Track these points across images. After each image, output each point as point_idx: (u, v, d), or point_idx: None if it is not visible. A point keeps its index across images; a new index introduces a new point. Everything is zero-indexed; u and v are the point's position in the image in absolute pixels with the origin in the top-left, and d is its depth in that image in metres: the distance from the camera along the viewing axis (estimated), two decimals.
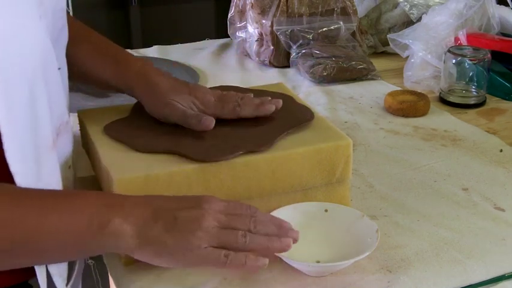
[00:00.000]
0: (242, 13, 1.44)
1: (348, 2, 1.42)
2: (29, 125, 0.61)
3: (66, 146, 0.74)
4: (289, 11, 1.37)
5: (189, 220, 0.61)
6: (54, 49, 0.66)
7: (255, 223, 0.64)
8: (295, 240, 0.65)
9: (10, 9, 0.57)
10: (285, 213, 0.72)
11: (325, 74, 1.30)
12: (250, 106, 0.82)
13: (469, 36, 1.29)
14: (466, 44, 1.27)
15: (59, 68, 0.69)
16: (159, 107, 0.80)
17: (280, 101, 0.83)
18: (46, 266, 0.64)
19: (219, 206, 0.64)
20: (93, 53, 0.85)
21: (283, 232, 0.65)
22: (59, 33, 0.71)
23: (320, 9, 1.40)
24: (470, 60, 1.19)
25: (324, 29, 1.39)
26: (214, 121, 0.78)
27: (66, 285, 0.69)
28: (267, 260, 0.63)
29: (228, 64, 1.44)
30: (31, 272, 0.68)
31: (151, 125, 0.81)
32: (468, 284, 0.70)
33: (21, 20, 0.59)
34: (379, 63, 1.38)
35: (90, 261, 1.50)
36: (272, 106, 0.82)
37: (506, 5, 1.45)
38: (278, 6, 1.37)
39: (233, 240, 0.62)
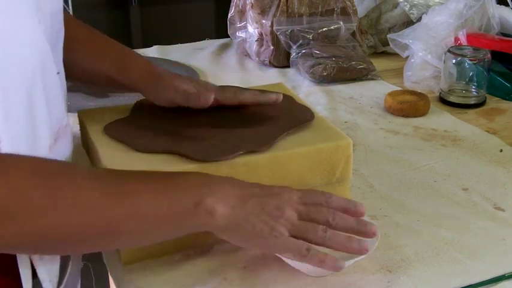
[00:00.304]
0: (242, 13, 1.44)
1: (348, 2, 1.42)
2: (27, 129, 0.61)
3: (66, 149, 0.74)
4: (289, 11, 1.37)
5: (273, 207, 0.63)
6: (52, 53, 0.66)
7: (334, 214, 0.65)
8: (374, 234, 0.66)
9: (9, 11, 0.57)
10: None
11: (325, 74, 1.30)
12: (250, 93, 0.84)
13: (469, 36, 1.29)
14: (466, 44, 1.27)
15: (58, 73, 0.69)
16: (164, 92, 0.83)
17: (281, 95, 0.84)
18: (32, 270, 0.63)
19: (296, 195, 0.66)
20: (97, 50, 0.86)
21: (362, 227, 0.66)
22: (56, 37, 0.71)
23: (320, 9, 1.40)
24: (470, 60, 1.19)
25: (324, 29, 1.39)
26: (213, 97, 0.81)
27: None
28: (344, 264, 0.64)
29: (228, 64, 1.44)
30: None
31: (151, 125, 0.81)
32: (468, 284, 0.70)
33: (21, 21, 0.59)
34: (379, 63, 1.38)
35: (83, 262, 1.49)
36: (273, 95, 0.83)
37: (506, 5, 1.45)
38: (278, 6, 1.37)
39: (313, 234, 0.63)
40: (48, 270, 0.65)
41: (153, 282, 0.69)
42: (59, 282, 0.67)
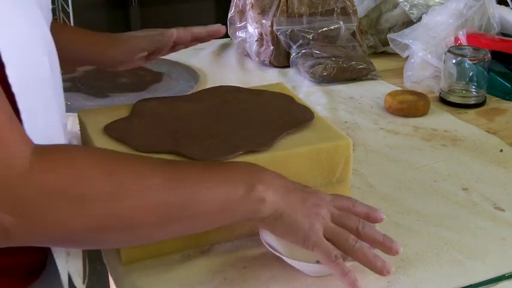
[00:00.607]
0: (242, 13, 1.44)
1: (348, 2, 1.42)
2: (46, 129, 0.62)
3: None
4: (289, 11, 1.37)
5: (313, 204, 0.65)
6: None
7: (364, 224, 0.66)
8: (397, 253, 0.67)
9: (25, 13, 0.58)
10: None
11: (325, 74, 1.30)
12: (198, 27, 0.96)
13: (469, 36, 1.29)
14: (466, 44, 1.27)
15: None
16: (127, 45, 0.90)
17: (223, 27, 0.97)
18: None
19: (328, 197, 0.67)
20: (73, 34, 0.92)
21: (388, 241, 0.67)
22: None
23: (320, 9, 1.40)
24: (470, 60, 1.19)
25: (324, 29, 1.39)
26: (175, 31, 0.93)
27: (83, 283, 0.71)
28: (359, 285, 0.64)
29: (228, 64, 1.44)
30: (32, 278, 0.68)
31: (151, 125, 0.81)
32: (468, 284, 0.70)
33: (32, 18, 0.59)
34: (379, 63, 1.38)
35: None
36: (216, 25, 0.97)
37: (506, 5, 1.45)
38: (278, 6, 1.37)
39: (344, 240, 0.64)
40: (75, 265, 0.68)
41: (153, 282, 0.69)
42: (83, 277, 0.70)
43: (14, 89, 0.55)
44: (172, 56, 1.45)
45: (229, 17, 1.48)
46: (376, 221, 0.69)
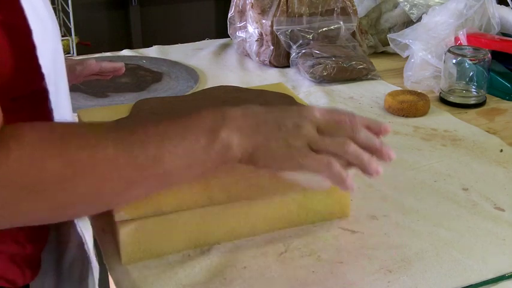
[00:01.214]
0: (242, 13, 1.44)
1: (348, 2, 1.42)
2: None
3: None
4: (289, 11, 1.37)
5: (291, 126, 0.61)
6: None
7: (357, 130, 0.63)
8: (390, 159, 0.64)
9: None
10: None
11: (325, 74, 1.30)
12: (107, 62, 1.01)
13: (469, 36, 1.29)
14: (466, 44, 1.27)
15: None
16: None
17: (123, 67, 1.00)
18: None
19: (319, 111, 0.63)
20: None
21: (385, 148, 0.64)
22: None
23: (320, 9, 1.40)
24: (470, 60, 1.19)
25: (324, 29, 1.39)
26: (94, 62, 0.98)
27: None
28: (354, 186, 0.62)
29: (228, 64, 1.44)
30: (33, 273, 0.68)
31: None
32: (468, 284, 0.70)
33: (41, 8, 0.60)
34: (379, 63, 1.38)
35: None
36: (118, 63, 1.01)
37: (507, 5, 1.45)
38: (278, 6, 1.37)
39: (334, 147, 0.62)
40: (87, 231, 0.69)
41: (153, 282, 0.69)
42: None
43: (44, 70, 0.56)
44: (172, 56, 1.45)
45: (229, 17, 1.48)
46: (381, 133, 0.65)
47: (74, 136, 0.55)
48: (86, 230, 0.69)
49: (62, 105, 0.62)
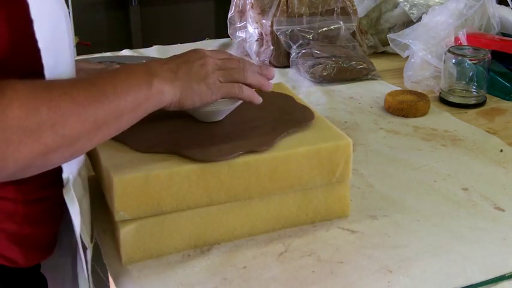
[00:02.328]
0: (242, 13, 1.44)
1: (348, 2, 1.42)
2: None
3: None
4: (289, 11, 1.37)
5: (199, 66, 0.75)
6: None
7: (243, 62, 0.79)
8: (272, 77, 0.82)
9: None
10: None
11: (325, 74, 1.30)
12: None
13: (469, 36, 1.29)
14: (466, 44, 1.27)
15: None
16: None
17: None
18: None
19: (207, 52, 0.77)
20: None
21: (265, 70, 0.81)
22: None
23: (320, 9, 1.40)
24: (470, 60, 1.19)
25: (324, 29, 1.39)
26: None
27: (91, 242, 0.76)
28: (261, 99, 0.79)
29: None
30: (45, 253, 0.73)
31: (151, 125, 0.81)
32: (468, 284, 0.70)
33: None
34: (379, 63, 1.38)
35: None
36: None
37: (506, 5, 1.45)
38: (278, 6, 1.37)
39: (236, 75, 0.77)
40: (85, 223, 0.74)
41: (153, 282, 0.69)
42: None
43: (40, 44, 0.61)
44: None
45: (229, 17, 1.48)
46: (267, 77, 0.80)
47: (56, 88, 0.63)
48: (75, 216, 0.72)
49: (58, 66, 0.67)
